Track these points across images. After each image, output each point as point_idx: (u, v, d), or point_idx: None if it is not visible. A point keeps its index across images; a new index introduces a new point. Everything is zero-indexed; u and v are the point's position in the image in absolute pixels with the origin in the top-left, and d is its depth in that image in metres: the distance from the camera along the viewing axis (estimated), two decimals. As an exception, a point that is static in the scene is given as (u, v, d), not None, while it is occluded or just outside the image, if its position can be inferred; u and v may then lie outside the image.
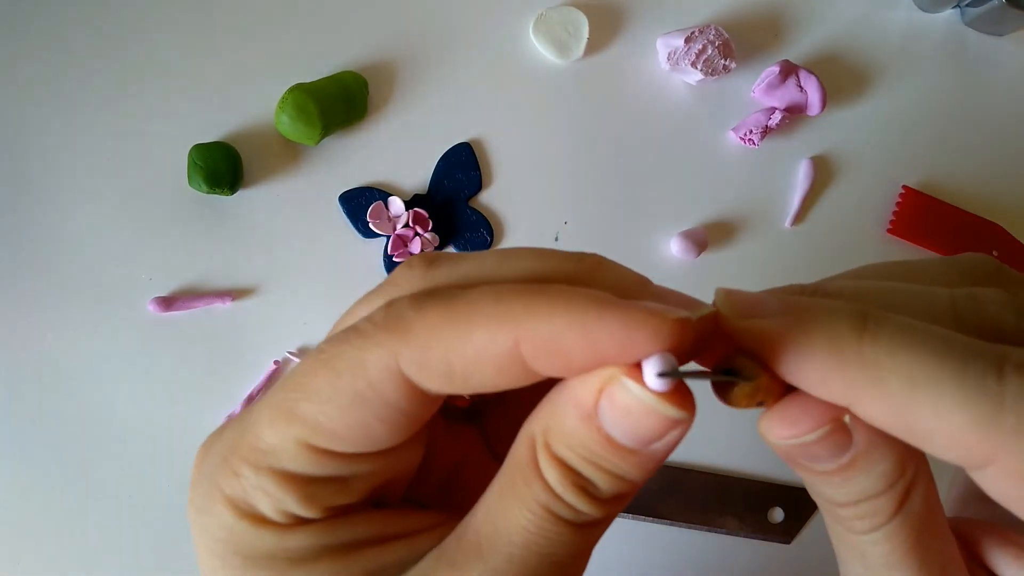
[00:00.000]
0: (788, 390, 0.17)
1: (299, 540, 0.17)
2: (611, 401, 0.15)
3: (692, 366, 0.18)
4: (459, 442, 0.22)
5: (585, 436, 0.16)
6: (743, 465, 0.43)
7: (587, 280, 0.17)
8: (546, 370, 0.16)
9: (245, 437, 0.17)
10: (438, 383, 0.16)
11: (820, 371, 0.16)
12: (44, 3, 0.45)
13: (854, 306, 0.17)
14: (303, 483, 0.17)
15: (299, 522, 0.17)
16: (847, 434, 0.17)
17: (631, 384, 0.15)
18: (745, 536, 0.43)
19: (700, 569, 0.43)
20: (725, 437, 0.44)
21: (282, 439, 0.17)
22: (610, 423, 0.16)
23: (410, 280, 0.18)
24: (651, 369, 0.15)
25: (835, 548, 0.20)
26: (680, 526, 0.42)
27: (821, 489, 0.19)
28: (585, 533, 0.17)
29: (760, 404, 0.18)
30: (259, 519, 0.17)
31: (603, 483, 0.16)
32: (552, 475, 0.16)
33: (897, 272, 0.21)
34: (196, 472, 0.19)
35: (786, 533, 0.43)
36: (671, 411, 0.15)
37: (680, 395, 0.15)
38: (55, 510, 0.41)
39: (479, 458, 0.22)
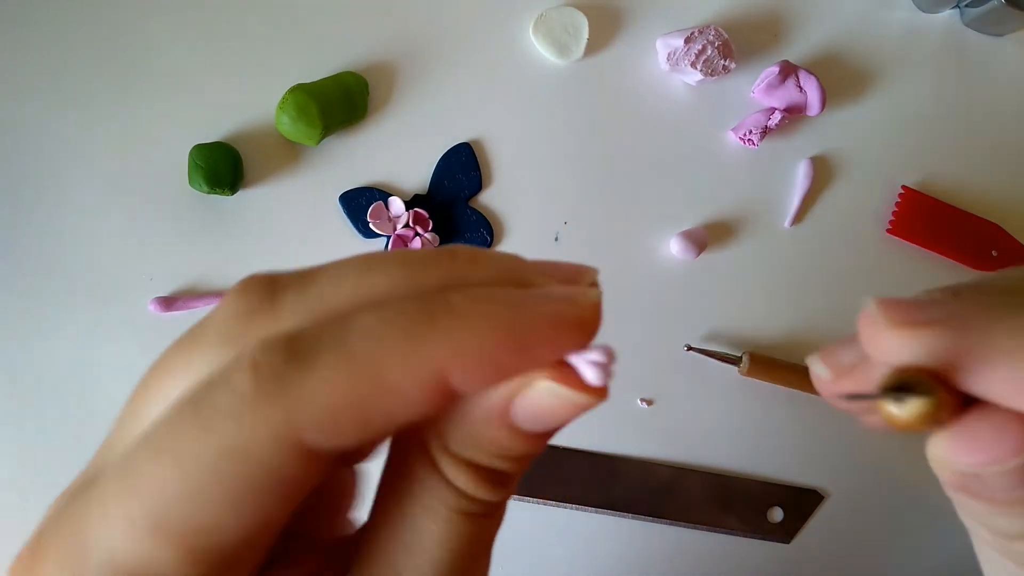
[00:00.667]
0: (963, 407, 0.15)
1: None
2: (530, 402, 0.15)
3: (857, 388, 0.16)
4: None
5: (497, 435, 0.15)
6: (743, 465, 0.43)
7: (467, 280, 0.15)
8: (477, 387, 0.14)
9: (93, 565, 0.14)
10: (349, 438, 0.13)
11: (1011, 375, 0.14)
12: (44, 4, 0.45)
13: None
14: None
15: None
16: None
17: (557, 388, 0.14)
18: (745, 536, 0.43)
19: (700, 569, 0.43)
20: (725, 437, 0.44)
21: (158, 560, 0.13)
22: (525, 419, 0.15)
23: (250, 312, 0.15)
24: (586, 363, 0.15)
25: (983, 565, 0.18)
26: (680, 526, 0.42)
27: (993, 520, 0.16)
28: (492, 518, 0.16)
29: (935, 424, 0.15)
30: None
31: (509, 468, 0.16)
32: (462, 479, 0.15)
33: None
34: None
35: (786, 533, 0.43)
36: (590, 400, 0.15)
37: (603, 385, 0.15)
38: (55, 510, 0.41)
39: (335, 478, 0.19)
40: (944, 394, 0.14)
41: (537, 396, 0.14)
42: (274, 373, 0.13)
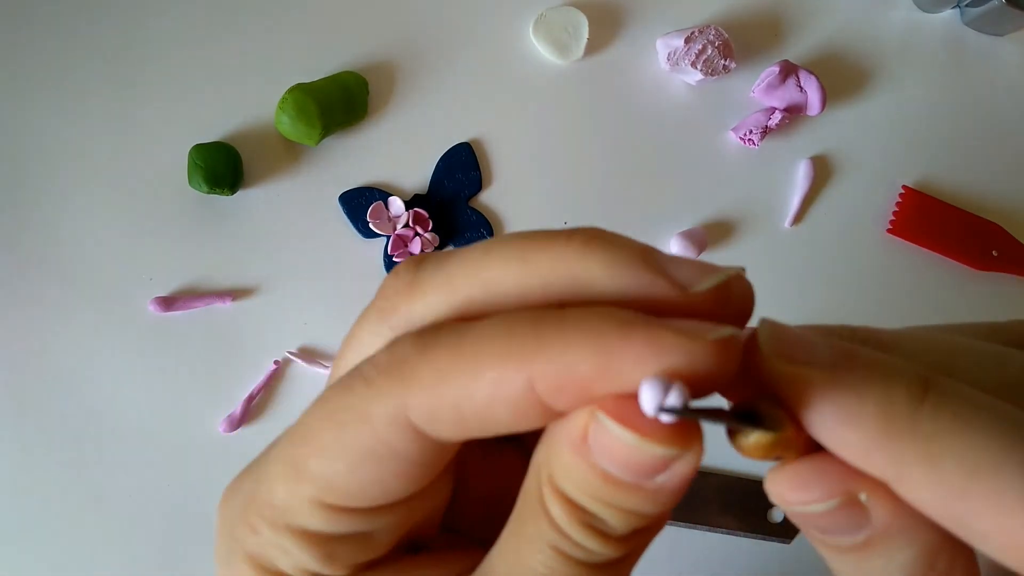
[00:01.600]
0: (810, 449, 0.15)
1: None
2: (594, 437, 0.14)
3: (703, 402, 0.15)
4: (501, 466, 0.20)
5: (581, 471, 0.14)
6: (743, 465, 0.43)
7: (584, 278, 0.15)
8: (568, 407, 0.14)
9: (259, 492, 0.16)
10: (450, 431, 0.14)
11: (864, 438, 0.14)
12: (44, 4, 0.45)
13: (914, 368, 0.14)
14: (321, 541, 0.16)
15: None
16: (863, 510, 0.15)
17: (606, 420, 0.13)
18: (745, 536, 0.43)
19: (700, 569, 0.43)
20: (725, 437, 0.44)
21: (294, 498, 0.16)
22: (600, 458, 0.14)
23: (398, 291, 0.16)
24: (648, 399, 0.13)
25: None
26: (680, 526, 0.42)
27: (833, 564, 0.16)
28: (605, 573, 0.15)
29: (777, 458, 0.15)
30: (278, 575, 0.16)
31: (613, 520, 0.14)
32: (557, 512, 0.14)
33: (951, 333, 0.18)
34: (219, 522, 0.17)
35: (786, 533, 0.43)
36: (659, 450, 0.13)
37: (675, 430, 0.13)
38: (55, 509, 0.41)
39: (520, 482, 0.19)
40: (791, 433, 0.14)
41: (595, 431, 0.14)
42: (401, 357, 0.15)
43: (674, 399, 0.13)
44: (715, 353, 0.13)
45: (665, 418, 0.13)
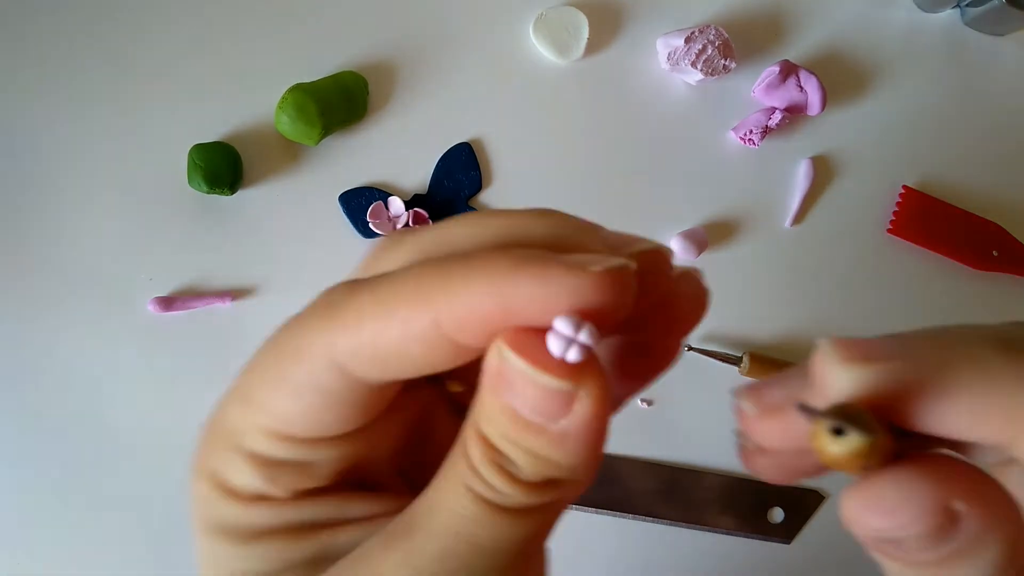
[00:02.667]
0: (893, 457, 0.14)
1: (260, 516, 0.17)
2: (504, 374, 0.14)
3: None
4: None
5: (494, 409, 0.14)
6: (743, 465, 0.43)
7: (556, 240, 0.15)
8: (477, 344, 0.14)
9: (218, 416, 0.18)
10: (373, 370, 0.15)
11: (971, 406, 0.13)
12: (44, 4, 0.45)
13: (989, 330, 0.14)
14: (266, 464, 0.17)
15: (263, 499, 0.17)
16: (955, 521, 0.14)
17: (507, 353, 0.14)
18: (745, 536, 0.43)
19: (700, 569, 0.43)
20: (725, 437, 0.44)
21: (243, 422, 0.17)
22: (510, 396, 0.14)
23: (373, 254, 0.18)
24: (557, 333, 0.13)
25: None
26: (680, 526, 0.42)
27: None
28: (516, 522, 0.15)
29: (864, 469, 0.14)
30: (229, 491, 0.17)
31: (522, 462, 0.15)
32: (475, 452, 0.15)
33: None
34: (198, 441, 0.19)
35: (786, 533, 0.43)
36: (550, 382, 0.14)
37: (572, 366, 0.14)
38: (54, 509, 0.41)
39: None
40: (883, 436, 0.14)
41: (499, 364, 0.14)
42: (331, 299, 0.16)
43: (584, 336, 0.13)
44: (601, 284, 0.13)
45: (571, 356, 0.13)
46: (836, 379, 0.14)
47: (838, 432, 0.14)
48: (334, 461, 0.18)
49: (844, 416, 0.14)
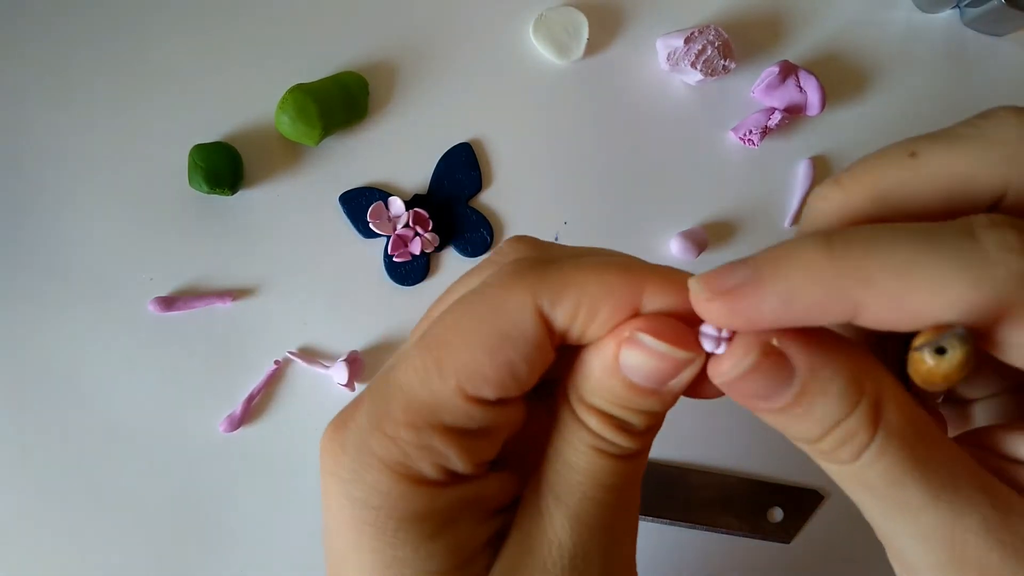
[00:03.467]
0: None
1: (450, 497, 0.19)
2: (625, 359, 0.19)
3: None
4: (533, 416, 0.23)
5: (611, 385, 0.19)
6: (743, 465, 0.43)
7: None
8: (588, 327, 0.19)
9: (395, 401, 0.19)
10: (567, 320, 0.19)
11: (803, 298, 0.17)
12: (44, 4, 0.45)
13: (812, 232, 0.18)
14: (461, 436, 0.19)
15: (453, 480, 0.19)
16: (786, 362, 0.18)
17: (645, 338, 0.18)
18: (745, 536, 0.43)
19: (700, 569, 0.43)
20: (725, 437, 0.44)
21: (439, 393, 0.18)
22: (629, 370, 0.19)
23: (512, 253, 0.21)
24: (706, 333, 0.18)
25: (851, 498, 0.20)
26: (680, 526, 0.42)
27: (791, 431, 0.19)
28: (631, 461, 0.20)
29: (963, 380, 0.17)
30: (417, 479, 0.19)
31: (636, 420, 0.19)
32: (593, 422, 0.19)
33: None
34: (335, 447, 0.19)
35: (786, 533, 0.43)
36: (682, 354, 0.18)
37: (693, 341, 0.18)
38: (55, 510, 0.41)
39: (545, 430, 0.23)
40: (974, 345, 0.16)
41: (632, 345, 0.18)
42: (538, 266, 0.19)
43: (722, 333, 0.18)
44: (704, 288, 0.18)
45: (719, 348, 0.18)
46: (707, 314, 0.18)
47: (941, 351, 0.16)
48: (504, 429, 0.20)
49: (932, 342, 0.16)
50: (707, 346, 0.18)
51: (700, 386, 0.19)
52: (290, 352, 0.43)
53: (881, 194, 0.20)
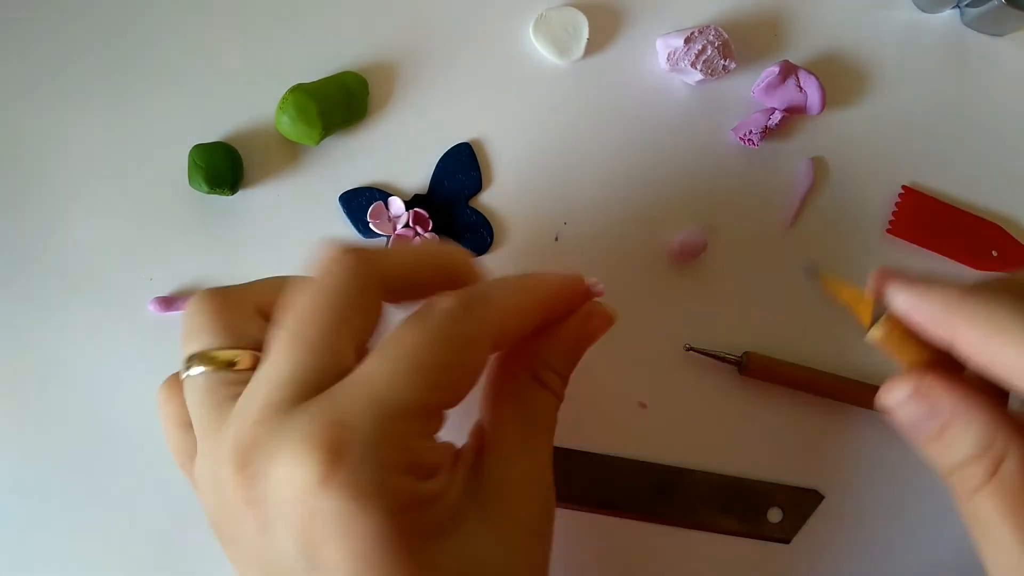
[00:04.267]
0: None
1: (449, 478, 0.25)
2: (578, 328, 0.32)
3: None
4: None
5: (569, 352, 0.31)
6: (742, 465, 0.43)
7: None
8: (541, 321, 0.31)
9: (399, 420, 0.23)
10: (502, 340, 0.28)
11: (936, 316, 0.24)
12: (44, 4, 0.45)
13: (966, 286, 0.24)
14: (439, 420, 0.26)
15: (450, 463, 0.26)
16: (935, 400, 0.24)
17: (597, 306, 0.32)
18: (744, 537, 0.43)
19: (699, 569, 0.43)
20: (724, 437, 0.44)
21: (432, 408, 0.25)
22: (578, 344, 0.32)
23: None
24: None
25: (965, 523, 0.25)
26: (679, 527, 0.42)
27: (935, 459, 0.25)
28: (559, 399, 0.31)
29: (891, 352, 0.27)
30: (431, 471, 0.24)
31: (563, 367, 0.31)
32: (548, 376, 0.30)
33: None
34: (344, 467, 0.22)
35: (785, 533, 0.43)
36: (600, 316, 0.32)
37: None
38: (54, 510, 0.41)
39: None
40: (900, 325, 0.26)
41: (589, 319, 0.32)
42: (464, 303, 0.26)
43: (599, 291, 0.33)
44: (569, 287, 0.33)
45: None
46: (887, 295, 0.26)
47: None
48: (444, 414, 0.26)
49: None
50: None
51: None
52: (290, 352, 0.43)
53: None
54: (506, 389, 0.30)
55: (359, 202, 0.44)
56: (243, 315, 0.28)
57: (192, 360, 0.28)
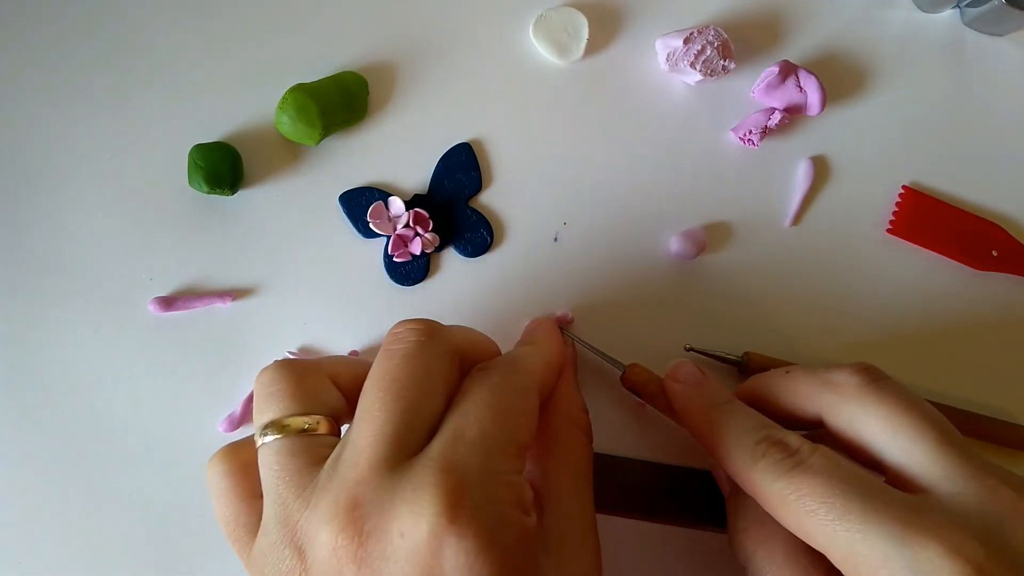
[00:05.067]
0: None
1: (537, 517, 0.28)
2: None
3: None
4: None
5: (571, 387, 0.37)
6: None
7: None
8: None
9: (500, 458, 0.26)
10: (544, 393, 0.34)
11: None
12: (44, 3, 0.45)
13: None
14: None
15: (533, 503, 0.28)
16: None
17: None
18: (745, 536, 0.43)
19: (699, 569, 0.43)
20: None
21: (519, 449, 0.28)
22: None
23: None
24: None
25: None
26: (679, 527, 0.42)
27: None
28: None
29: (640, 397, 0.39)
30: (529, 507, 0.26)
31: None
32: (580, 417, 0.36)
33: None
34: (465, 507, 0.23)
35: (786, 533, 0.43)
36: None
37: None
38: (54, 510, 0.41)
39: None
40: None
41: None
42: (508, 364, 0.32)
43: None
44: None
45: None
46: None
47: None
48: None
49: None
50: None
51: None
52: (290, 352, 0.43)
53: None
54: (550, 438, 0.33)
55: (359, 202, 0.44)
56: (319, 383, 0.30)
57: (269, 428, 0.28)
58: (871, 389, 0.30)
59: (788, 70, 0.45)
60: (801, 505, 0.28)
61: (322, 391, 0.29)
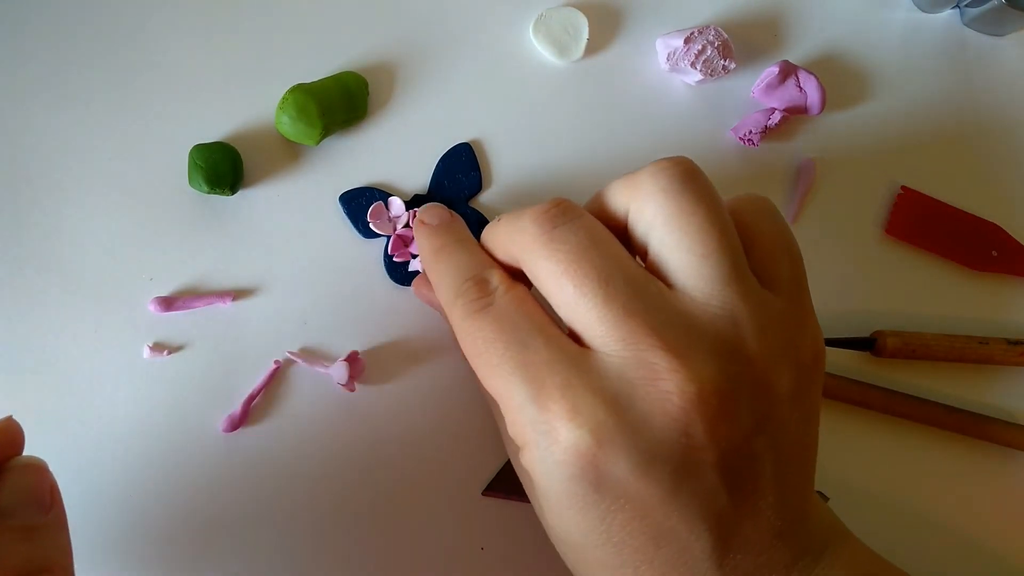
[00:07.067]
0: None
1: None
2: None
3: None
4: None
5: None
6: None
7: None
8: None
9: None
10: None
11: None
12: (44, 4, 0.45)
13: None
14: None
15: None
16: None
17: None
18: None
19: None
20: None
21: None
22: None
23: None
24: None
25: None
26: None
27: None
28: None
29: None
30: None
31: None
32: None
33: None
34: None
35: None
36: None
37: None
38: (55, 510, 0.41)
39: None
40: None
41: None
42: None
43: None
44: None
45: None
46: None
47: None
48: None
49: None
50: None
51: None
52: (290, 352, 0.43)
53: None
54: None
55: (359, 202, 0.44)
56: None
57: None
58: (545, 241, 0.28)
59: (788, 70, 0.45)
60: (473, 346, 0.28)
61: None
